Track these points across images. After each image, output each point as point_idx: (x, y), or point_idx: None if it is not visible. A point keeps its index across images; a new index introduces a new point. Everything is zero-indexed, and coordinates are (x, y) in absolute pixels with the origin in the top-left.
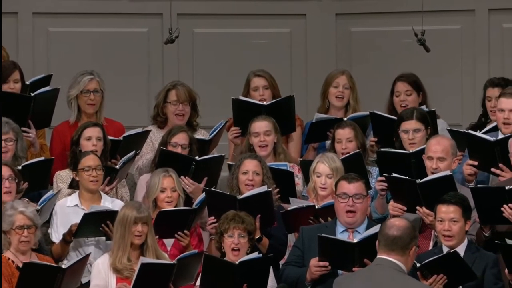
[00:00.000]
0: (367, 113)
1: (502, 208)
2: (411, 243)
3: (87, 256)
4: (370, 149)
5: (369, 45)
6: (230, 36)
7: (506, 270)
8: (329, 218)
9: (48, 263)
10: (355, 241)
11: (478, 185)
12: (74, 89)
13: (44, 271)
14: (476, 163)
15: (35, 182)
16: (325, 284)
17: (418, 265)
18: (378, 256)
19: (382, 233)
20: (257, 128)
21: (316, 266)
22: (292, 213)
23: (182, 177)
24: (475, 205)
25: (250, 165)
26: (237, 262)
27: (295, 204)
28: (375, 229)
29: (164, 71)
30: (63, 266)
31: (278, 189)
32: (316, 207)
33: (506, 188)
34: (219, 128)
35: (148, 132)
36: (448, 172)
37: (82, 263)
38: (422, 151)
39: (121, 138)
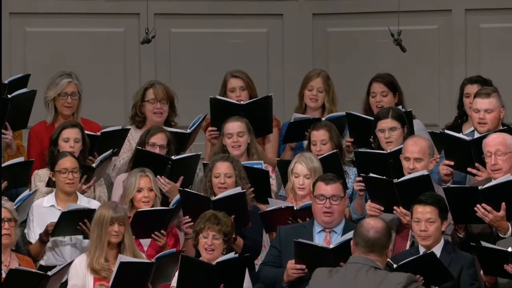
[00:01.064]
0: (344, 113)
1: (475, 208)
2: (388, 243)
3: (71, 262)
4: (347, 150)
5: (346, 45)
6: (207, 36)
7: (482, 272)
8: (307, 219)
9: (34, 270)
10: (331, 246)
11: (451, 185)
12: (52, 91)
13: (29, 278)
14: (452, 163)
15: (15, 183)
16: (302, 286)
17: (395, 266)
18: (355, 255)
19: (361, 235)
20: (230, 129)
21: (293, 268)
22: (270, 213)
23: (158, 176)
24: (448, 205)
25: (221, 167)
26: (214, 263)
27: (273, 204)
28: (351, 234)
29: (141, 71)
30: (49, 273)
31: (252, 189)
32: (295, 208)
33: (479, 188)
34: (198, 122)
35: (127, 130)
36: (425, 172)
37: (65, 270)
38: (399, 151)
39: (99, 133)
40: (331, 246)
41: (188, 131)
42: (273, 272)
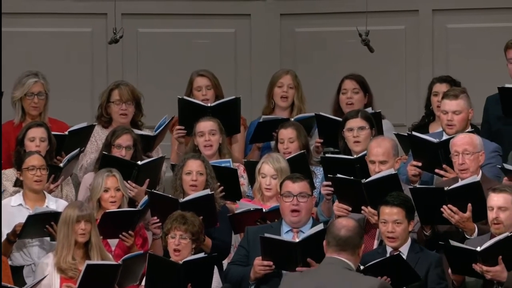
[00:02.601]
0: (313, 114)
1: (441, 209)
2: (360, 242)
3: (44, 277)
4: (316, 150)
5: (314, 46)
6: (175, 36)
7: (450, 270)
8: (276, 220)
9: (9, 285)
10: (296, 240)
11: (417, 186)
12: (18, 91)
13: None
14: (420, 164)
15: None
16: (269, 284)
17: (361, 267)
18: (328, 255)
19: (333, 234)
20: (202, 127)
21: (260, 265)
22: (239, 216)
23: (124, 181)
24: (415, 205)
25: (193, 165)
26: (181, 262)
27: (242, 207)
28: (317, 228)
29: (108, 71)
30: None
31: (222, 187)
32: (264, 210)
33: (445, 189)
34: (164, 124)
35: (93, 126)
36: (392, 171)
37: (39, 283)
38: (365, 156)
39: (66, 133)
40: (297, 240)
41: (154, 133)
42: (240, 270)
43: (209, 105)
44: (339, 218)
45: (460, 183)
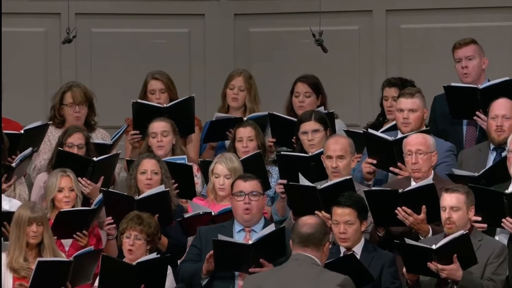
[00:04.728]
0: (266, 113)
1: (396, 211)
2: (324, 239)
3: None
4: (269, 150)
5: (268, 46)
6: (128, 36)
7: (404, 269)
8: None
9: None
10: (250, 242)
11: (372, 188)
12: None
13: None
14: (375, 161)
15: None
16: (222, 279)
17: None
18: (294, 252)
19: (296, 232)
20: (155, 128)
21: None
22: (189, 220)
23: (79, 178)
24: (369, 207)
25: (148, 164)
26: (134, 263)
27: (194, 209)
28: (270, 228)
29: (61, 71)
30: None
31: (176, 185)
32: (213, 213)
33: (400, 191)
34: (120, 133)
35: (47, 125)
36: (348, 177)
37: None
38: (321, 154)
39: (22, 131)
40: (250, 242)
41: (110, 142)
42: (192, 266)
43: (164, 105)
44: (303, 216)
45: (415, 185)
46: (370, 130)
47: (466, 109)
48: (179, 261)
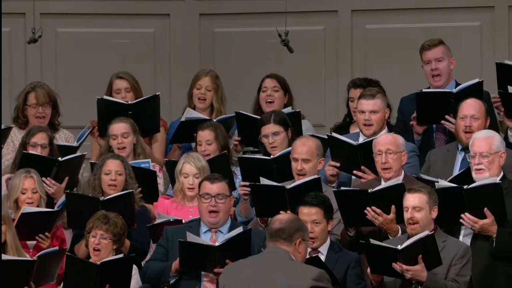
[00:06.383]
0: (234, 114)
1: (365, 211)
2: (295, 235)
3: None
4: (234, 149)
5: (233, 46)
6: (94, 36)
7: (369, 270)
8: None
9: None
10: (216, 244)
11: (341, 188)
12: None
13: None
14: (338, 164)
15: None
16: (189, 279)
17: None
18: (268, 245)
19: (268, 228)
20: (115, 130)
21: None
22: (158, 226)
23: (43, 178)
24: (339, 208)
25: (112, 165)
26: (98, 263)
27: (162, 218)
28: (237, 231)
29: (27, 71)
30: None
31: (140, 189)
32: (183, 221)
33: (369, 191)
34: (85, 135)
35: (10, 128)
36: (316, 176)
37: None
38: (283, 156)
39: None
40: (217, 244)
41: (76, 144)
42: (160, 265)
43: (128, 102)
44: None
45: (384, 185)
46: (334, 134)
47: (435, 114)
48: (142, 263)
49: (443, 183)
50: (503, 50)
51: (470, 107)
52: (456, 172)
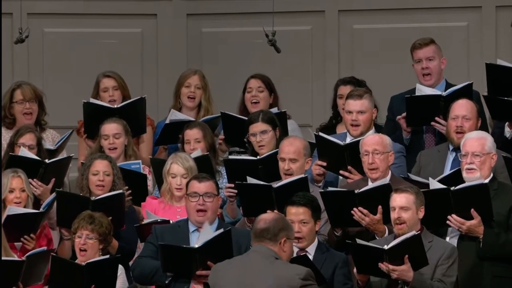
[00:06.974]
0: (219, 114)
1: (352, 212)
2: (280, 234)
3: None
4: (220, 148)
5: (221, 46)
6: (81, 36)
7: (355, 270)
8: None
9: None
10: (196, 246)
11: (328, 189)
12: None
13: None
14: (325, 163)
15: None
16: (178, 280)
17: None
18: (253, 245)
19: (252, 228)
20: (107, 130)
21: None
22: (146, 226)
23: (30, 179)
24: (325, 208)
25: (100, 165)
26: (84, 264)
27: (150, 216)
28: (216, 232)
29: (14, 71)
30: None
31: (130, 191)
32: (171, 222)
33: (356, 191)
34: (64, 138)
35: None
36: (302, 175)
37: None
38: (269, 157)
39: None
40: (196, 246)
41: (54, 147)
42: (153, 262)
43: (115, 106)
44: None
45: (371, 185)
46: (321, 134)
47: (425, 116)
48: (130, 263)
49: (433, 182)
50: (490, 50)
51: (462, 107)
52: (447, 172)
